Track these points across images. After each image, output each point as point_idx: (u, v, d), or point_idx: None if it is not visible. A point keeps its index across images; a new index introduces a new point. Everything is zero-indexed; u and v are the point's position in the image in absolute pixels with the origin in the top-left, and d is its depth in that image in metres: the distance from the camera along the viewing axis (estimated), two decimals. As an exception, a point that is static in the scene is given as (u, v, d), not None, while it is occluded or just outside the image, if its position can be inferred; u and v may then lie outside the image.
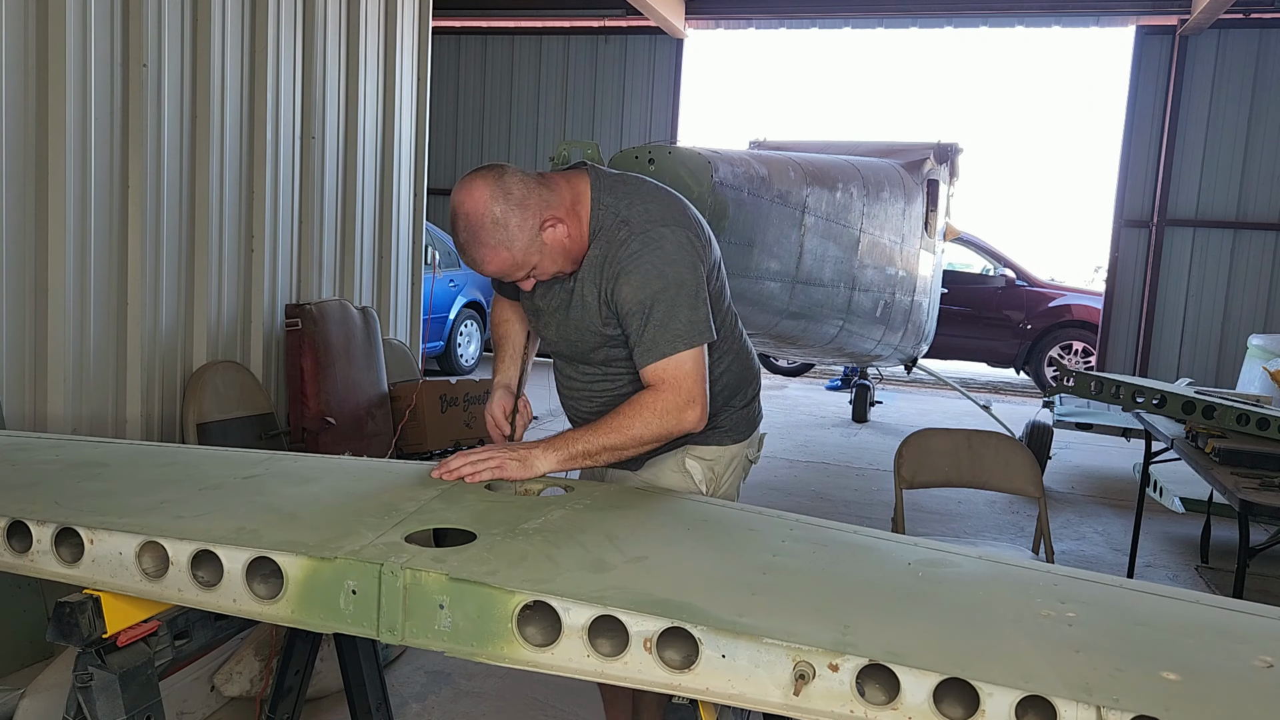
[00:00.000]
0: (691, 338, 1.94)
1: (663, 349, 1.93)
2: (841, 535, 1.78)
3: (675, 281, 1.94)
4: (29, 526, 1.59)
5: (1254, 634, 1.44)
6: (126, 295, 3.98)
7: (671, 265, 1.94)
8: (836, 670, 1.22)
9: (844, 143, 8.06)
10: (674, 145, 5.31)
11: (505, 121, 12.03)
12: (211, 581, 1.49)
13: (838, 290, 6.36)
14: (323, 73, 5.27)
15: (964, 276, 11.14)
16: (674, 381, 1.93)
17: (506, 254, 1.93)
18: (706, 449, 2.22)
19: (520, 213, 1.91)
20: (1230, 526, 4.08)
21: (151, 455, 2.12)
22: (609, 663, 1.31)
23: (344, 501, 1.75)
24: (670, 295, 1.93)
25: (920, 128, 35.80)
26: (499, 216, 1.89)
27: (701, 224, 2.12)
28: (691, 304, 1.95)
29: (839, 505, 6.01)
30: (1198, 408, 3.95)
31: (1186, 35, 9.83)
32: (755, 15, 11.11)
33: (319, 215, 5.33)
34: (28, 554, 1.60)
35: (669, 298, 1.93)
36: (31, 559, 1.60)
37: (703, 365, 1.97)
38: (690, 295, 1.95)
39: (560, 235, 1.97)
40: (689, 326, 1.94)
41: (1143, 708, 1.13)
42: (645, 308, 1.93)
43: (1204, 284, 10.07)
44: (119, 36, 3.85)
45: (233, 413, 4.48)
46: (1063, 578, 1.64)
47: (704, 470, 2.21)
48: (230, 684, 2.94)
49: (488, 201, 1.89)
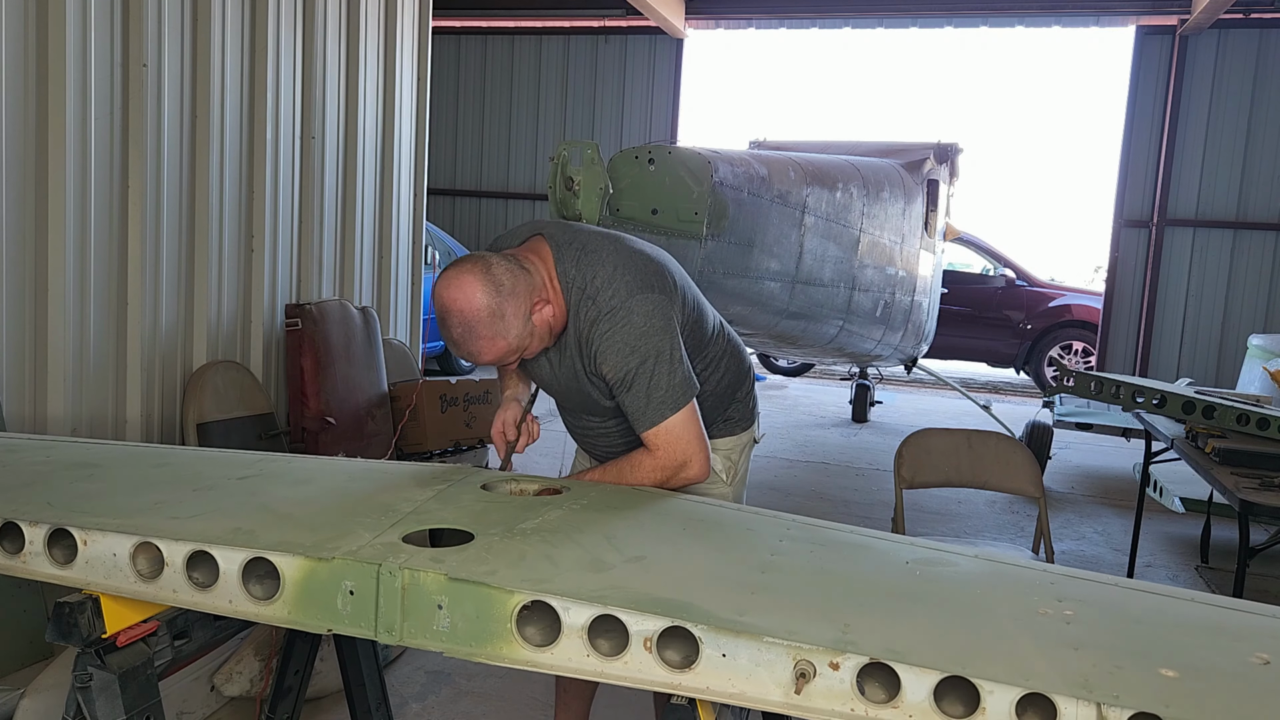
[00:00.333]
0: (676, 401, 2.00)
1: (651, 418, 2.00)
2: (838, 535, 1.78)
3: (652, 353, 1.99)
4: (21, 527, 1.58)
5: (1250, 631, 1.45)
6: (126, 295, 3.97)
7: (644, 338, 1.99)
8: (837, 669, 1.22)
9: (844, 143, 8.06)
10: (674, 145, 5.31)
11: (505, 121, 12.03)
12: (207, 583, 1.48)
13: (838, 290, 6.36)
14: (323, 73, 5.27)
15: (964, 276, 11.14)
16: (667, 446, 2.01)
17: (503, 343, 1.97)
18: (723, 440, 2.31)
19: (514, 301, 1.95)
20: (1230, 526, 4.08)
21: (143, 456, 2.12)
22: (609, 662, 1.31)
23: (340, 502, 1.75)
24: (649, 367, 1.99)
25: (920, 128, 35.80)
26: (496, 308, 1.93)
27: (664, 270, 2.13)
28: (670, 369, 2.00)
29: (839, 505, 6.01)
30: (1198, 408, 3.95)
31: (1186, 35, 9.83)
32: (755, 15, 11.11)
33: (319, 215, 5.33)
34: (20, 555, 1.59)
35: (648, 370, 1.99)
36: (24, 560, 1.59)
37: (693, 420, 2.04)
38: (667, 360, 2.00)
39: (547, 316, 2.03)
40: (670, 391, 2.00)
41: (1143, 705, 1.13)
42: (627, 383, 2.00)
43: (1204, 284, 10.06)
44: (119, 36, 3.85)
45: (233, 413, 4.48)
46: (1059, 576, 1.66)
47: (723, 461, 2.31)
48: (230, 684, 2.94)
49: (481, 296, 1.92)
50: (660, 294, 2.05)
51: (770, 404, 9.80)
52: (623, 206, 4.68)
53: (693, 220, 4.82)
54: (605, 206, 4.38)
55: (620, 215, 4.62)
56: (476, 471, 2.05)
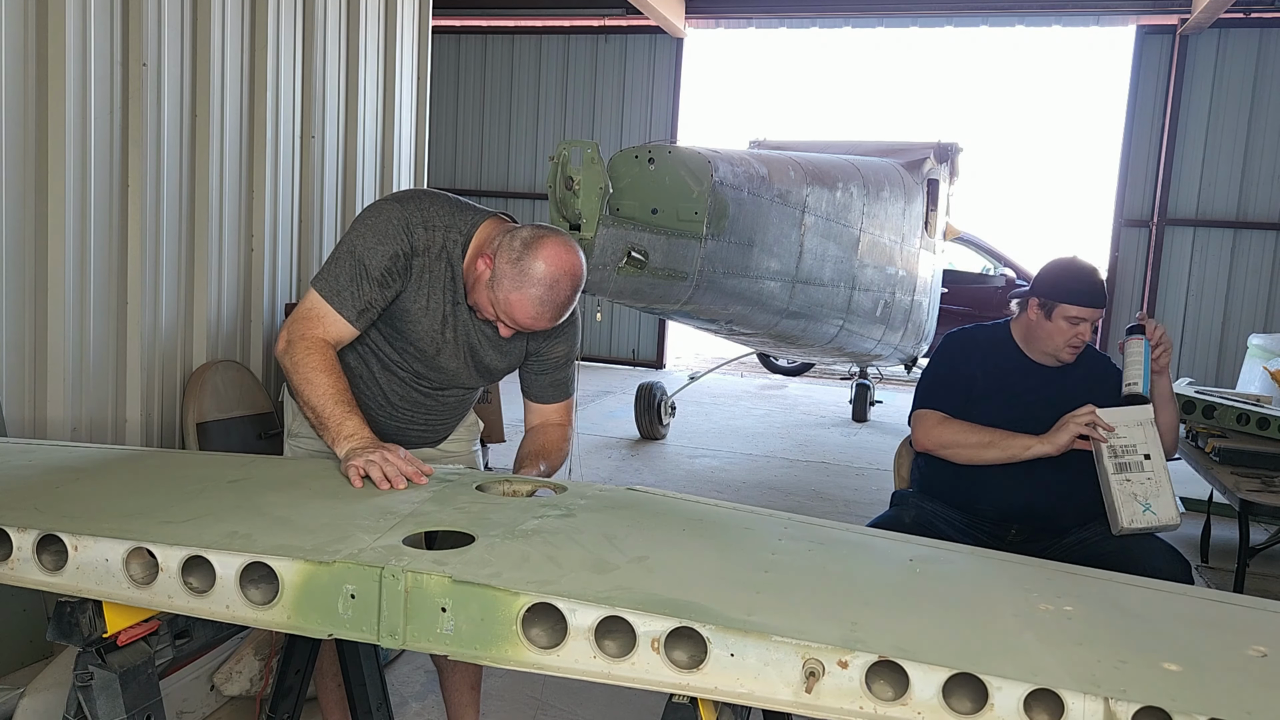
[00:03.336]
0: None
1: (568, 390, 2.41)
2: (835, 533, 1.80)
3: (579, 338, 2.42)
4: (8, 533, 1.55)
5: (1246, 625, 1.48)
6: (126, 295, 3.97)
7: (578, 327, 2.39)
8: (846, 667, 1.22)
9: (844, 143, 8.06)
10: (674, 145, 5.31)
11: (505, 121, 12.03)
12: (203, 588, 1.47)
13: (838, 290, 6.36)
14: (322, 72, 5.27)
15: (964, 276, 11.13)
16: (569, 410, 2.42)
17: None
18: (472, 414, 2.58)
19: None
20: (1230, 526, 4.08)
21: (128, 460, 2.10)
22: (616, 664, 1.30)
23: (336, 504, 1.73)
24: (578, 349, 2.42)
25: (920, 128, 35.80)
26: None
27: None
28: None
29: (839, 505, 6.01)
30: (1198, 407, 3.95)
31: (1187, 35, 9.83)
32: (755, 15, 11.10)
33: (319, 215, 5.32)
34: (8, 562, 1.56)
35: (577, 351, 2.41)
36: (11, 567, 1.56)
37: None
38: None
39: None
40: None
41: (1150, 699, 1.14)
42: (569, 359, 2.38)
43: (1204, 284, 10.07)
44: (119, 36, 3.84)
45: (233, 412, 4.47)
46: (1055, 572, 1.68)
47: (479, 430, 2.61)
48: (230, 684, 2.94)
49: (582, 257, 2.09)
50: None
51: (770, 403, 9.80)
52: (623, 206, 4.68)
53: (693, 220, 4.82)
54: (605, 206, 4.38)
55: (620, 215, 4.62)
56: (470, 473, 2.05)
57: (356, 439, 1.95)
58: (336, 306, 2.09)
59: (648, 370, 11.33)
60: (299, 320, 2.11)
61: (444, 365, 2.26)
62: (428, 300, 2.16)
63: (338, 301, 2.09)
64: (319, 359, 2.05)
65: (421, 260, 2.14)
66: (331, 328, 2.10)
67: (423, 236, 2.13)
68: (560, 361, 2.34)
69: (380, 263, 2.09)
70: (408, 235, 2.11)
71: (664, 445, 7.47)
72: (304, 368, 2.04)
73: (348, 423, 1.98)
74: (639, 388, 7.61)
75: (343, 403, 2.01)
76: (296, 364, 2.05)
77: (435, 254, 2.15)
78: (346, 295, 2.09)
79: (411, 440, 2.37)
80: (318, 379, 2.02)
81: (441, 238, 2.15)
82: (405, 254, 2.11)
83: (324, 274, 2.12)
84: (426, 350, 2.22)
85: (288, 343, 2.08)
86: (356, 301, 2.09)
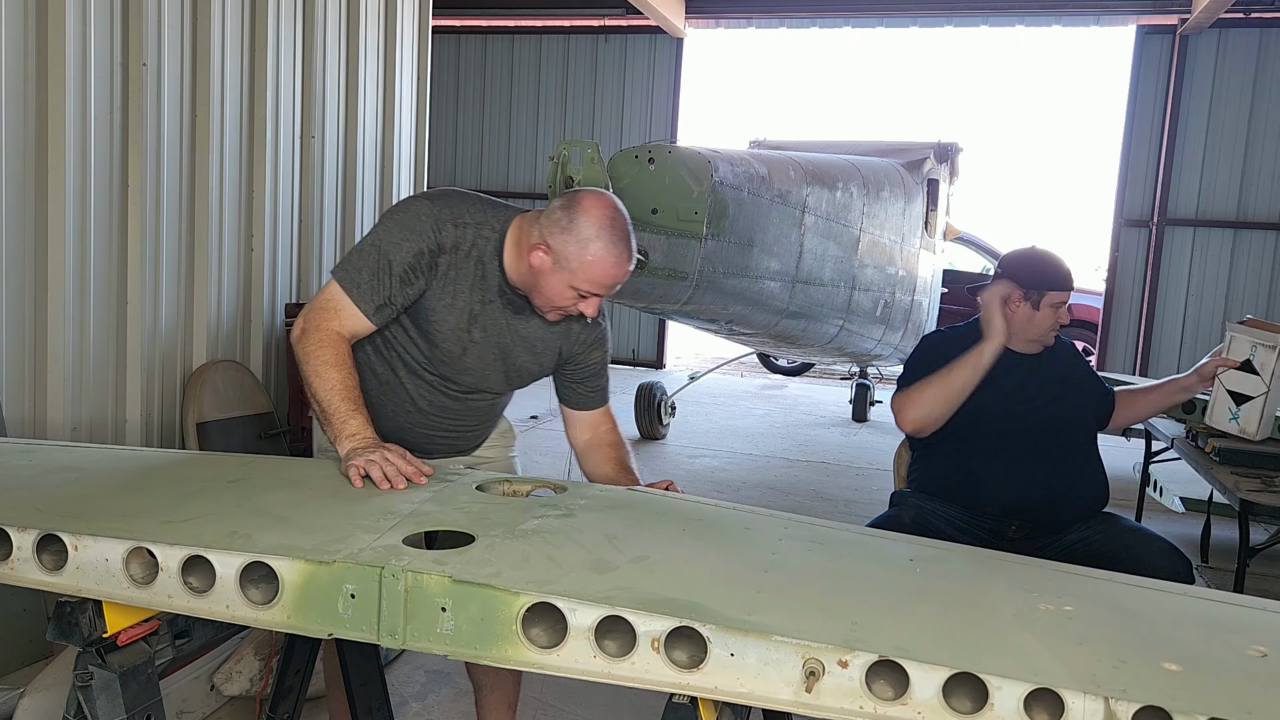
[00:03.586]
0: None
1: (607, 393, 2.40)
2: (835, 533, 1.80)
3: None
4: (8, 533, 1.55)
5: (1244, 624, 1.48)
6: (126, 295, 3.97)
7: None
8: (846, 667, 1.22)
9: (844, 143, 8.06)
10: (674, 145, 5.31)
11: (505, 121, 12.03)
12: (203, 588, 1.47)
13: (838, 290, 6.36)
14: (322, 72, 5.27)
15: (964, 276, 11.13)
16: (610, 411, 2.41)
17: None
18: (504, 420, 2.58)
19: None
20: (1230, 526, 4.08)
21: (127, 460, 2.09)
22: (616, 663, 1.30)
23: (335, 504, 1.73)
24: (609, 356, 2.42)
25: (920, 127, 35.82)
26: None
27: None
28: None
29: (839, 504, 6.01)
30: (1198, 407, 3.95)
31: (1187, 35, 9.83)
32: (755, 15, 11.10)
33: (319, 215, 5.32)
34: (8, 562, 1.56)
35: (609, 357, 2.42)
36: (11, 567, 1.56)
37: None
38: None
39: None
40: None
41: (1150, 698, 1.14)
42: (604, 365, 2.38)
43: (1204, 284, 10.06)
44: (119, 36, 3.84)
45: (233, 412, 4.47)
46: (1055, 572, 1.68)
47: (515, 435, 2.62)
48: (230, 683, 2.94)
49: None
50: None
51: (770, 404, 9.80)
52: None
53: (693, 220, 4.81)
54: (606, 206, 4.37)
55: (621, 215, 4.60)
56: (470, 472, 2.05)
57: (358, 438, 1.94)
58: (355, 299, 2.07)
59: (648, 370, 11.32)
60: (316, 310, 2.09)
61: (470, 366, 2.21)
62: (453, 298, 2.13)
63: (356, 294, 2.07)
64: (331, 353, 2.03)
65: (449, 258, 2.11)
66: (348, 320, 2.08)
67: (452, 234, 2.10)
68: (598, 368, 2.35)
69: (405, 259, 2.06)
70: (436, 232, 2.09)
71: (664, 445, 7.47)
72: (315, 360, 2.03)
73: (351, 421, 1.97)
74: (639, 388, 7.61)
75: (349, 400, 2.00)
76: (308, 354, 2.04)
77: (465, 252, 2.11)
78: (366, 289, 2.07)
79: (440, 448, 2.32)
80: (327, 373, 2.01)
81: (473, 235, 2.11)
82: (432, 251, 2.08)
83: (346, 264, 2.10)
84: (452, 350, 2.18)
85: (303, 330, 2.07)
86: (376, 296, 2.07)
